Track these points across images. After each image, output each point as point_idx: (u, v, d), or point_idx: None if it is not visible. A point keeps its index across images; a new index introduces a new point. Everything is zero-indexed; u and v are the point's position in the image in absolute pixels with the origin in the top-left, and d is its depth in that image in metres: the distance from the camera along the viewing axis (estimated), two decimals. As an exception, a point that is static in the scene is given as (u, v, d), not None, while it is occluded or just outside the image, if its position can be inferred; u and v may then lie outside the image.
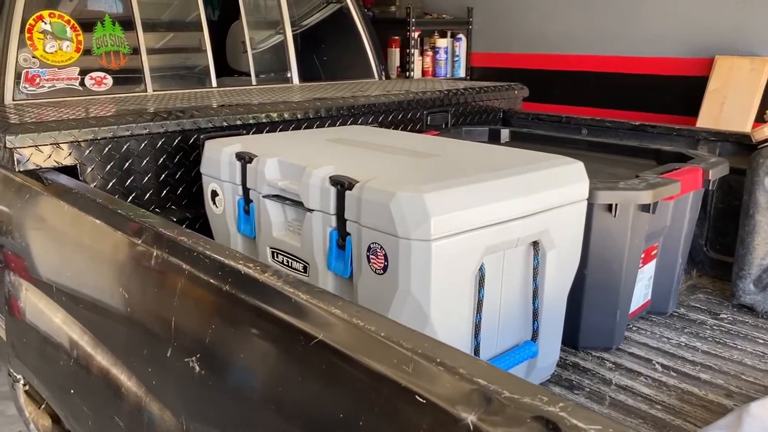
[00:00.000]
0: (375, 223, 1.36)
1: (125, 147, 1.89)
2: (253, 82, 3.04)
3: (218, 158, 1.81)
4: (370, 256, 1.40)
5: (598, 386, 1.80)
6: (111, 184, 1.87)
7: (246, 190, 1.75)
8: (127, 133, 1.87)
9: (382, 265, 1.37)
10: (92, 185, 1.82)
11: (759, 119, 3.56)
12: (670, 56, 3.97)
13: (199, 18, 2.88)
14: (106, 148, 1.85)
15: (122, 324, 1.27)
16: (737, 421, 1.30)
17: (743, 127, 3.56)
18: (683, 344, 2.04)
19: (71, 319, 1.44)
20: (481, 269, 1.43)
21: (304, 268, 1.60)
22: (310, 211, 1.53)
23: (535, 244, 1.55)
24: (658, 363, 1.92)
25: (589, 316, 1.91)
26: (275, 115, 2.18)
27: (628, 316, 1.99)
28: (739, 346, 2.02)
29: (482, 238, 1.40)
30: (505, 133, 2.66)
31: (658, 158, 2.26)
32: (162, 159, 1.97)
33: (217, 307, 1.05)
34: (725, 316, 2.23)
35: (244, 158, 1.73)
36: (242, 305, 0.99)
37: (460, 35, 4.91)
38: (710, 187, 2.02)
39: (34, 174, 1.72)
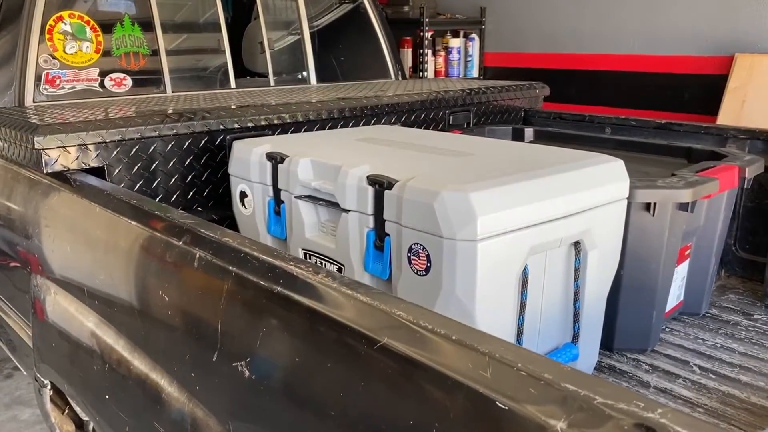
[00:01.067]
0: (417, 223, 1.33)
1: (152, 148, 1.86)
2: (272, 83, 3.01)
3: (248, 159, 1.78)
4: (412, 258, 1.36)
5: (637, 389, 1.76)
6: (138, 185, 1.84)
7: (277, 191, 1.72)
8: (155, 134, 1.84)
9: (425, 266, 1.34)
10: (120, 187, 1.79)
11: (780, 117, 3.52)
12: (688, 54, 3.93)
13: (217, 19, 2.85)
14: (133, 150, 1.82)
15: (161, 328, 1.24)
16: None
17: (765, 125, 3.52)
18: (719, 345, 2.00)
19: (105, 323, 1.41)
20: (525, 270, 1.39)
21: (339, 269, 1.57)
22: (346, 211, 1.50)
23: (577, 244, 1.52)
24: (695, 365, 1.88)
25: (624, 317, 1.87)
26: (300, 115, 2.15)
27: (663, 317, 1.95)
28: (776, 347, 1.98)
29: (527, 239, 1.36)
30: (529, 133, 2.63)
31: (689, 156, 2.23)
32: (188, 160, 1.94)
33: (268, 310, 1.01)
34: (759, 316, 2.19)
35: (275, 158, 1.70)
36: (296, 308, 0.96)
37: (473, 35, 4.88)
38: (745, 185, 1.98)
39: (62, 176, 1.69)
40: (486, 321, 1.33)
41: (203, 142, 1.97)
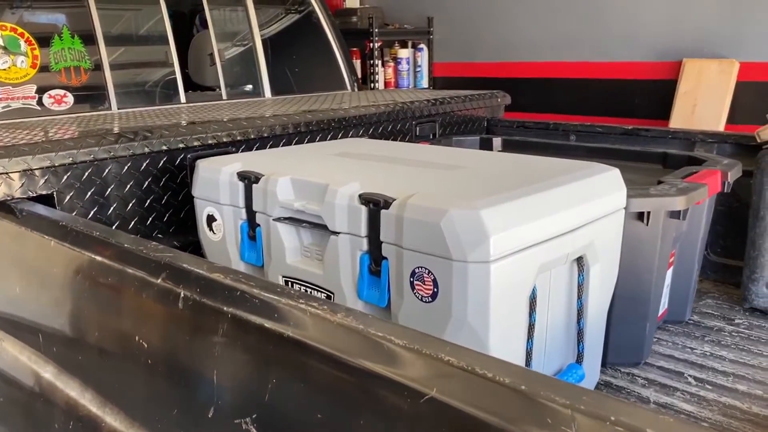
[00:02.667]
0: (421, 245, 1.21)
1: (106, 171, 1.68)
2: (224, 96, 2.85)
3: (216, 179, 1.62)
4: (415, 283, 1.24)
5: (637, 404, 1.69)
6: (92, 213, 1.66)
7: (251, 214, 1.57)
8: (109, 155, 1.66)
9: (431, 291, 1.22)
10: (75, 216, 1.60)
11: (730, 121, 3.60)
12: (638, 60, 3.98)
13: (164, 30, 2.67)
14: (86, 174, 1.64)
15: (140, 379, 1.08)
16: None
17: (716, 128, 3.59)
18: (708, 354, 1.96)
19: (67, 375, 1.23)
20: (534, 291, 1.30)
21: (328, 297, 1.43)
22: (335, 234, 1.37)
23: (579, 259, 1.44)
24: (690, 376, 1.83)
25: (617, 330, 1.80)
26: (266, 129, 2.01)
27: (655, 328, 1.90)
28: (764, 353, 1.95)
29: (537, 256, 1.27)
30: (497, 142, 2.56)
31: (664, 162, 2.20)
32: (147, 183, 1.77)
33: (277, 356, 0.87)
34: (740, 321, 2.17)
35: (249, 178, 1.55)
36: (314, 355, 0.83)
37: (422, 45, 4.83)
38: (726, 190, 1.96)
39: (5, 206, 1.49)
40: (498, 348, 1.23)
41: (162, 162, 1.80)
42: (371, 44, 4.40)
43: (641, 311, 1.80)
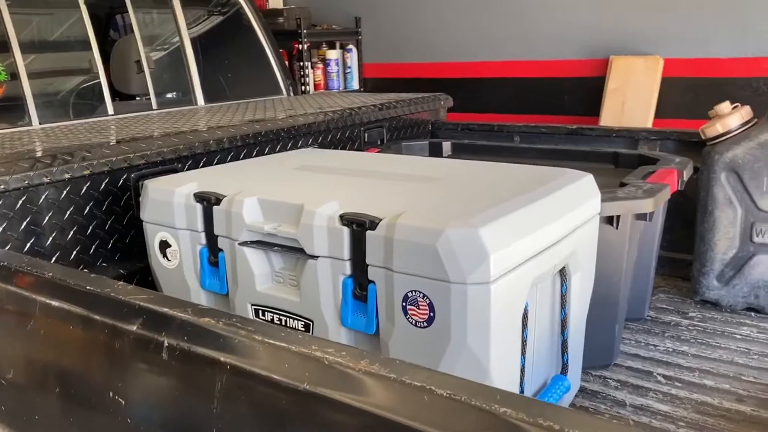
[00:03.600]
0: (414, 267, 1.14)
1: (43, 197, 1.50)
2: (154, 106, 2.66)
3: (169, 202, 1.48)
4: (408, 307, 1.17)
5: (617, 410, 1.69)
6: (28, 245, 1.48)
7: (212, 238, 1.45)
8: (45, 180, 1.48)
9: (426, 316, 1.15)
10: (6, 249, 1.42)
11: (657, 115, 3.72)
12: (566, 59, 4.05)
13: (86, 35, 2.46)
14: (20, 202, 1.46)
15: (117, 441, 0.95)
16: None
17: (645, 124, 3.70)
18: (671, 350, 1.99)
19: (20, 437, 1.07)
20: (526, 307, 1.25)
21: (306, 326, 1.34)
22: (314, 258, 1.27)
23: (562, 269, 1.40)
24: (659, 374, 1.85)
25: (588, 334, 1.78)
26: (213, 143, 1.87)
27: (622, 329, 1.91)
28: (722, 345, 2.00)
29: (530, 271, 1.22)
30: (446, 146, 2.52)
31: (616, 161, 2.22)
32: (88, 208, 1.60)
33: (292, 415, 0.78)
34: (694, 314, 2.22)
35: (208, 199, 1.43)
36: (342, 413, 0.74)
37: (350, 46, 4.75)
38: (682, 188, 1.99)
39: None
40: (497, 369, 1.17)
41: (104, 184, 1.63)
42: (300, 46, 4.28)
43: (611, 314, 1.80)
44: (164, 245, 1.53)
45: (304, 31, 4.21)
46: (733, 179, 2.14)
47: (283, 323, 1.37)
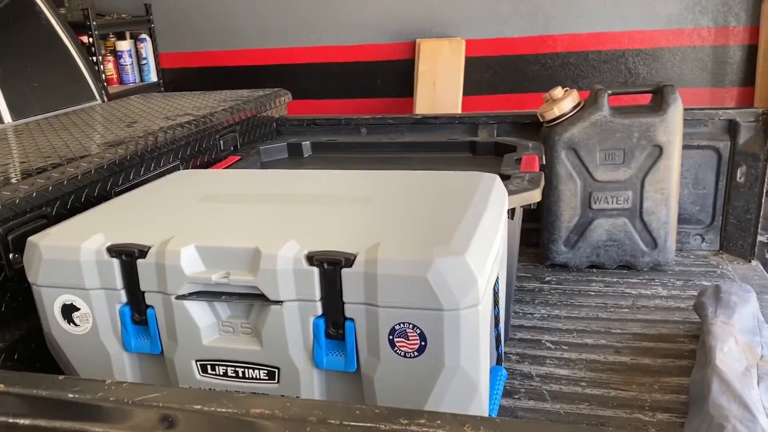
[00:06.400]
0: (402, 300, 1.13)
1: None
2: (-50, 130, 2.22)
3: (73, 260, 1.28)
4: (396, 340, 1.16)
5: (529, 383, 1.85)
6: None
7: (136, 295, 1.28)
8: None
9: (416, 345, 1.16)
10: None
11: (465, 93, 4.00)
12: (374, 43, 4.16)
13: None
14: None
15: None
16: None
17: (455, 103, 3.97)
18: (546, 315, 2.22)
19: None
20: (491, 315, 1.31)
21: (270, 374, 1.26)
22: (278, 303, 1.20)
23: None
24: (546, 341, 2.06)
25: (489, 318, 1.93)
26: (81, 178, 1.63)
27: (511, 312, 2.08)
28: (583, 303, 2.29)
29: (491, 284, 1.28)
30: (306, 146, 2.47)
31: (474, 150, 2.37)
32: (-48, 279, 1.31)
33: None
34: (550, 278, 2.49)
35: (129, 253, 1.26)
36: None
37: (143, 35, 4.36)
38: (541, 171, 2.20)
39: None
40: (484, 384, 1.22)
41: (-34, 247, 1.35)
42: (90, 39, 3.82)
43: (509, 295, 1.95)
44: (69, 309, 1.32)
45: (94, 23, 3.77)
46: (572, 156, 2.42)
47: (240, 375, 1.27)
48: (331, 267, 1.16)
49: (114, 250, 1.27)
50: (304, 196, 1.48)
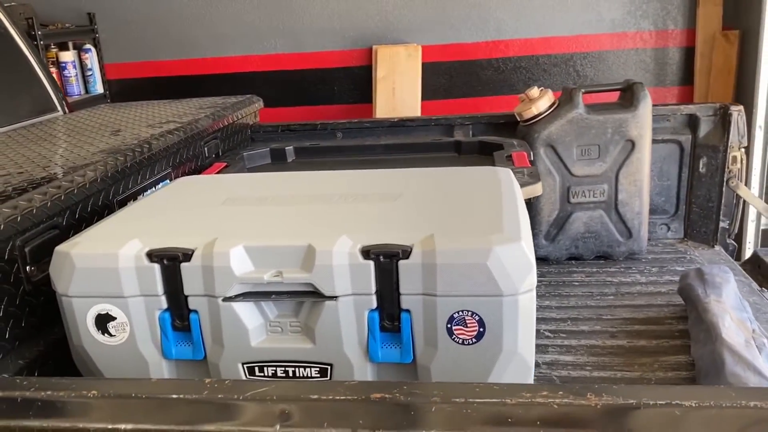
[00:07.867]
0: (461, 288, 1.16)
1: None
2: None
3: (111, 268, 1.23)
4: (454, 328, 1.19)
5: (538, 371, 1.90)
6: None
7: (177, 300, 1.25)
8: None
9: (475, 332, 1.19)
10: None
11: (423, 98, 4.07)
12: (330, 50, 4.17)
13: None
14: None
15: None
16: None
17: (415, 108, 4.03)
18: (537, 306, 2.28)
19: None
20: (525, 301, 1.36)
21: (322, 371, 1.26)
22: (332, 299, 1.20)
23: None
24: (545, 331, 2.13)
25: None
26: (90, 185, 1.58)
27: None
28: (570, 293, 2.37)
29: (533, 270, 1.33)
30: (290, 151, 2.47)
31: (458, 150, 2.42)
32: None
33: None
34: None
35: (173, 257, 1.23)
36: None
37: (88, 46, 4.21)
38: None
39: None
40: (533, 366, 1.27)
41: (-14, 259, 1.28)
42: (39, 50, 3.65)
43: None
44: (104, 319, 1.27)
45: (39, 32, 3.61)
46: (550, 152, 2.51)
47: (291, 374, 1.27)
48: (387, 260, 1.18)
49: (155, 255, 1.23)
50: (330, 195, 1.49)
